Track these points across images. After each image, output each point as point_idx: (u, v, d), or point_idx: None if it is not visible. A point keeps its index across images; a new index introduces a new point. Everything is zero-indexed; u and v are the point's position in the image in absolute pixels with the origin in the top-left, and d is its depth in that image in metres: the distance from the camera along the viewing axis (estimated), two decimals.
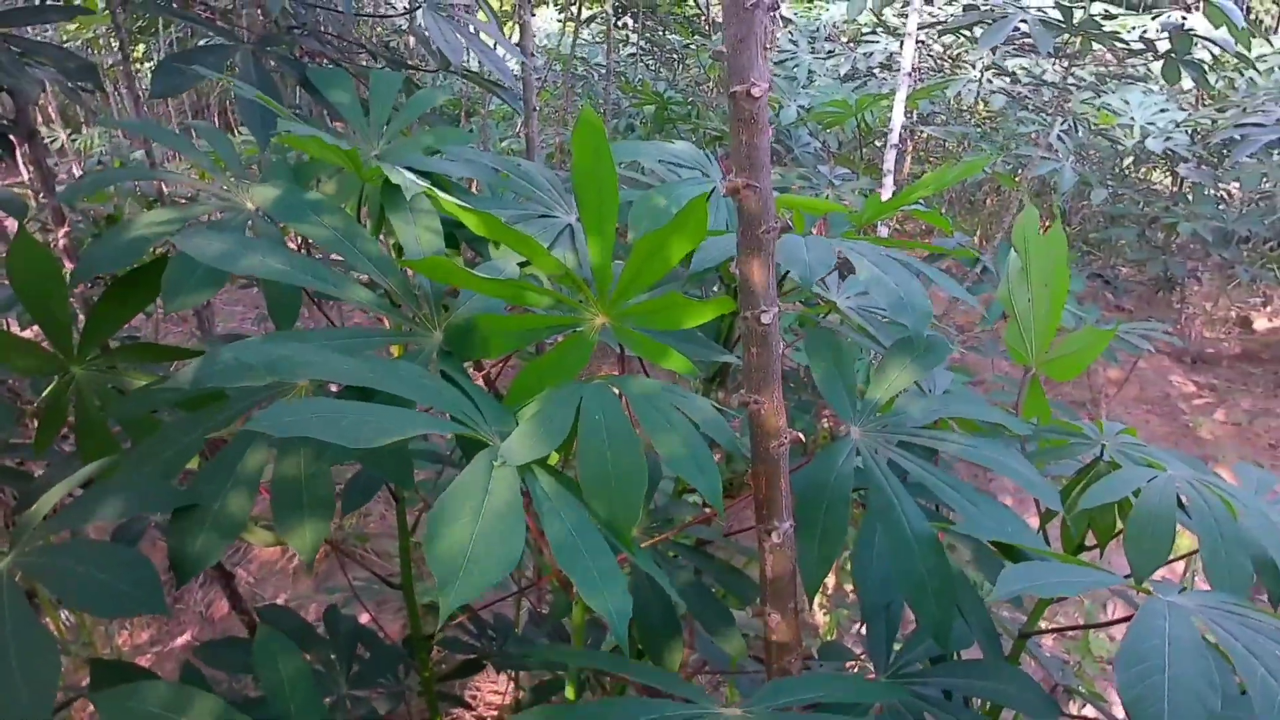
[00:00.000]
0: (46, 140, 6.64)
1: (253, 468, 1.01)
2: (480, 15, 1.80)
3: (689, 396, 0.89)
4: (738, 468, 2.70)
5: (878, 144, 4.74)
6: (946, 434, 0.97)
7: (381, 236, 1.26)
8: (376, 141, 1.34)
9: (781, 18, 6.65)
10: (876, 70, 5.96)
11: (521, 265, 1.14)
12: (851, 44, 6.51)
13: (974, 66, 4.42)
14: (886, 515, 0.90)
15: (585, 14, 4.85)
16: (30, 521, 0.99)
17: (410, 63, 1.81)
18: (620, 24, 6.03)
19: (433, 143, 1.33)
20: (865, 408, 1.02)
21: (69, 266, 1.54)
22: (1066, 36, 2.62)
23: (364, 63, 1.84)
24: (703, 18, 4.76)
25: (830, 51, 5.96)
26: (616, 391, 0.89)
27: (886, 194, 2.05)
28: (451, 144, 1.33)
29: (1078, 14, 2.51)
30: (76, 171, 6.06)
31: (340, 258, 1.07)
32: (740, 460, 1.16)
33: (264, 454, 1.02)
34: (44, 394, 1.12)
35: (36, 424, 1.15)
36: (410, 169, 1.23)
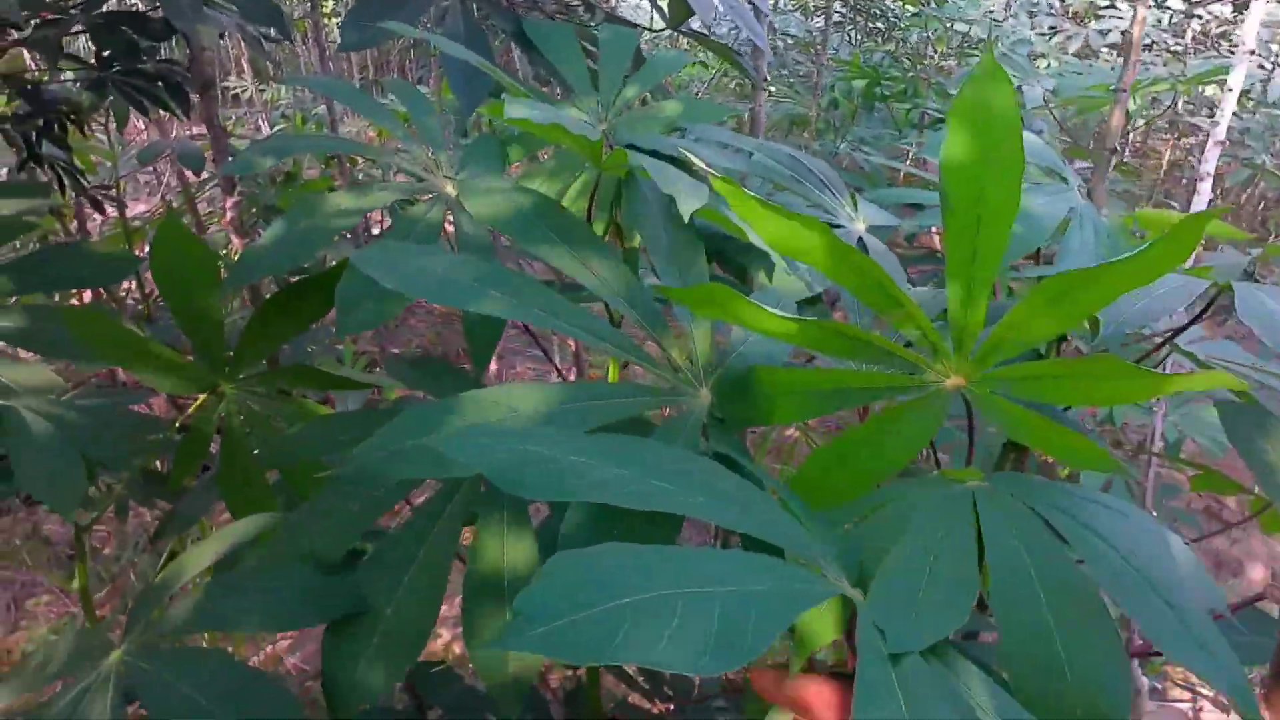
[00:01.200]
0: (236, 90, 6.80)
1: (441, 552, 0.75)
2: None
3: (1130, 513, 0.56)
4: None
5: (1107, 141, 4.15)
6: None
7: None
8: (605, 113, 1.05)
9: None
10: (1104, 49, 5.29)
11: (806, 304, 0.83)
12: (1077, 19, 5.81)
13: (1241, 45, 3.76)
14: None
15: None
16: (156, 596, 0.76)
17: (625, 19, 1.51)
18: None
19: (675, 116, 1.03)
20: None
21: (236, 243, 1.33)
22: None
23: (576, 17, 1.56)
24: None
25: (1053, 28, 5.33)
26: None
27: (1202, 201, 1.62)
28: (699, 119, 1.02)
29: None
30: (264, 125, 6.16)
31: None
32: None
33: (457, 527, 0.75)
34: (187, 412, 0.90)
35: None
36: (651, 152, 0.93)
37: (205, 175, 2.99)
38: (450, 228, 0.89)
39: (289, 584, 0.69)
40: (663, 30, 1.51)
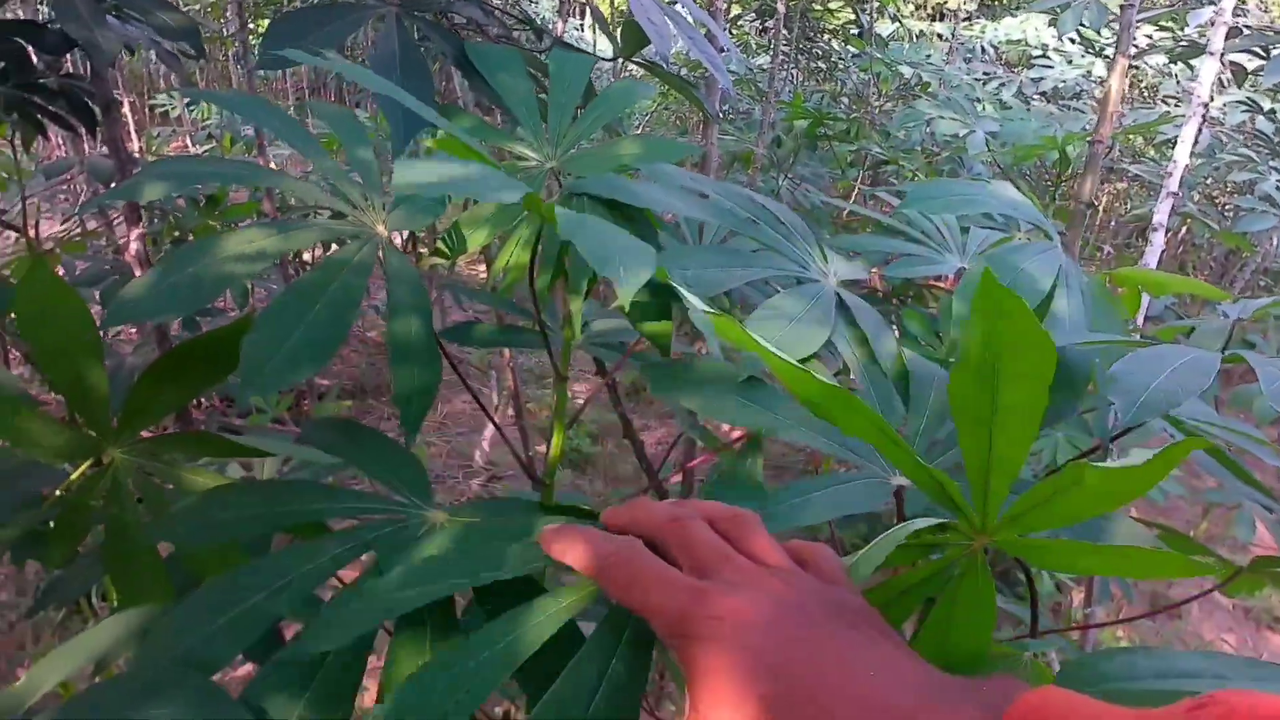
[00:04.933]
0: (165, 109, 6.56)
1: (354, 654, 0.64)
2: None
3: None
4: None
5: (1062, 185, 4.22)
6: None
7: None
8: (554, 148, 0.96)
9: (937, 35, 6.14)
10: (1035, 96, 5.43)
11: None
12: (1011, 68, 5.95)
13: (1177, 101, 3.86)
14: None
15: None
16: (8, 709, 0.64)
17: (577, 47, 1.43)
18: (762, 29, 5.62)
19: (634, 157, 0.94)
20: None
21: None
22: None
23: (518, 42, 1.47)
24: (862, 30, 4.30)
25: (988, 74, 5.45)
26: None
27: (1154, 255, 1.60)
28: (657, 159, 0.94)
29: None
30: (190, 145, 5.93)
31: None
32: None
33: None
34: (67, 481, 0.77)
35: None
36: (602, 197, 0.84)
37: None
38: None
39: (159, 703, 0.57)
40: (612, 59, 1.44)
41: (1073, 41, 5.08)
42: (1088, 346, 0.74)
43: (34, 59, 1.13)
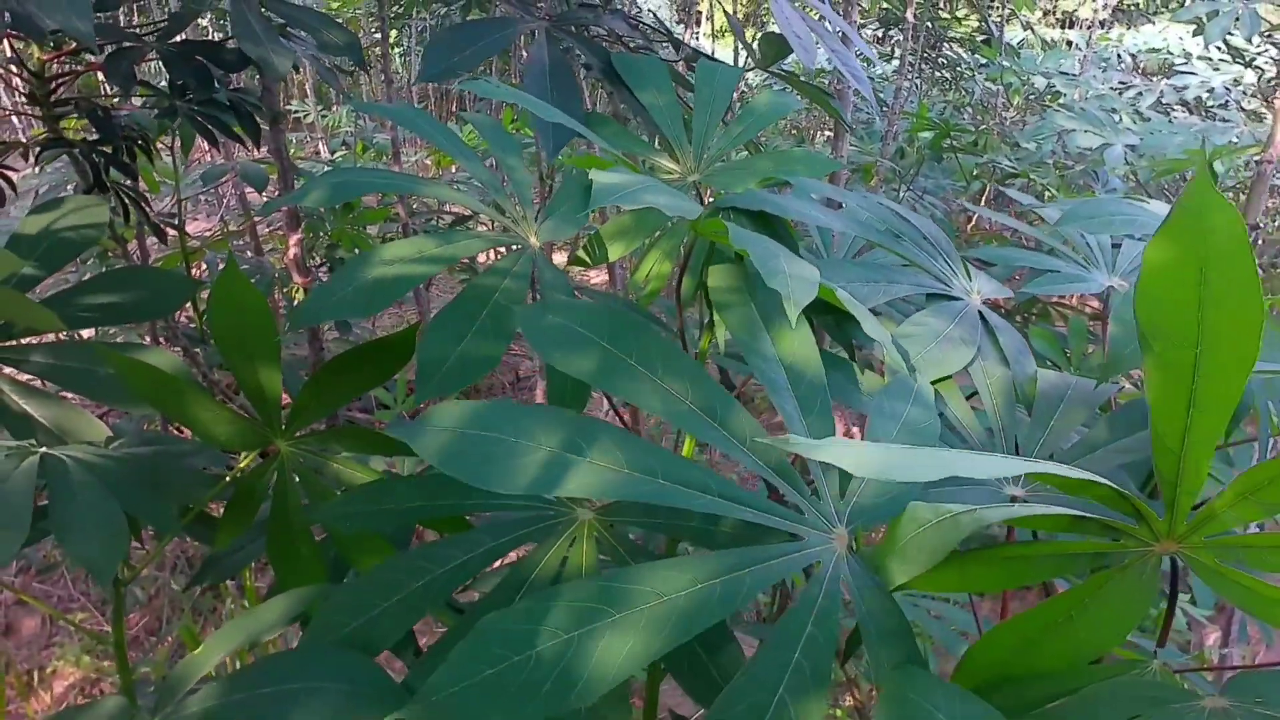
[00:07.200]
0: (299, 114, 6.90)
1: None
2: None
3: None
4: None
5: None
6: None
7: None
8: (697, 162, 0.97)
9: (1067, 43, 5.91)
10: (1176, 106, 5.16)
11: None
12: (1149, 77, 5.68)
13: None
14: None
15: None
16: (181, 681, 0.69)
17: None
18: (883, 37, 5.52)
19: (773, 169, 0.95)
20: None
21: (298, 280, 1.28)
22: None
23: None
24: (990, 39, 4.16)
25: (1124, 83, 5.21)
26: None
27: None
28: (802, 172, 0.94)
29: None
30: (324, 150, 6.22)
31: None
32: None
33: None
34: (237, 468, 0.83)
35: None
36: (748, 210, 0.85)
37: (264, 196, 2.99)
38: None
39: (325, 679, 0.61)
40: (750, 69, 1.45)
41: (1219, 49, 4.81)
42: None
43: (213, 75, 1.21)
